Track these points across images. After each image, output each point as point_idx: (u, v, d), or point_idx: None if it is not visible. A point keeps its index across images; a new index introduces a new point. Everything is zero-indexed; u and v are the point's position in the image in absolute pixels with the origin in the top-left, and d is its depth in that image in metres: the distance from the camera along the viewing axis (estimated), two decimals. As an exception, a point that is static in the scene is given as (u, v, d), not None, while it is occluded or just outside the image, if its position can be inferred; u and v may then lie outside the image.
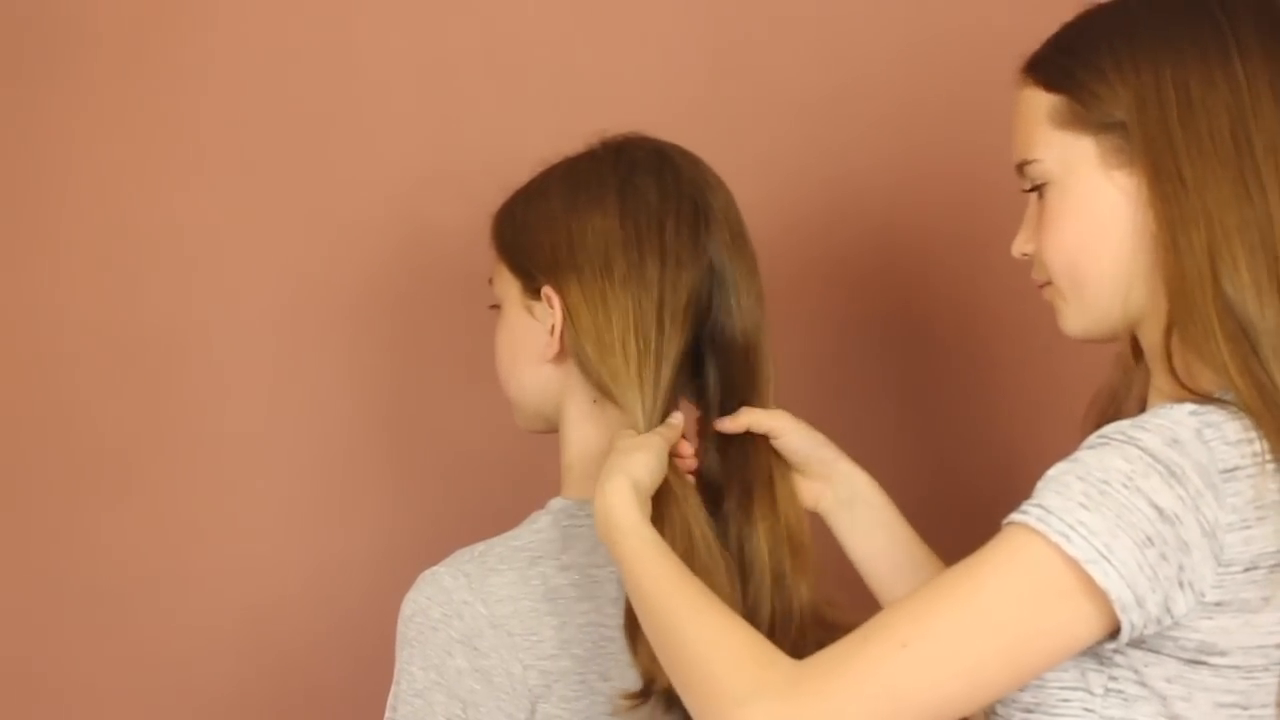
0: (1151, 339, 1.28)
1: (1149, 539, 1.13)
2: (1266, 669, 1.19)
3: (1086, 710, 1.22)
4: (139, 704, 1.92)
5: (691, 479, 1.42)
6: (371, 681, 1.78)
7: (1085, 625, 1.16)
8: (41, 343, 1.92)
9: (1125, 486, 1.14)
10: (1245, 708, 1.20)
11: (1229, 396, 1.20)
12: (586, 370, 1.41)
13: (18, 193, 1.92)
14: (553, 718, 1.36)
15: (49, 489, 1.92)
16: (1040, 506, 1.16)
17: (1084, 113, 1.27)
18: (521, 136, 1.88)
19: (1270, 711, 1.20)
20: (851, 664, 1.16)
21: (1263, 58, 1.24)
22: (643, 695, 1.34)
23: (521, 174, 1.52)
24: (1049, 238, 1.30)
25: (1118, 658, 1.20)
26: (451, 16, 1.93)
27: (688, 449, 1.43)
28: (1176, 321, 1.23)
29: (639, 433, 1.39)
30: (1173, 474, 1.15)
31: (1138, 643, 1.18)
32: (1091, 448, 1.18)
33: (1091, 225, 1.27)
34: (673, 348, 1.40)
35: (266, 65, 1.92)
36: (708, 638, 1.22)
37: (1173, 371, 1.24)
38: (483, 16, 1.94)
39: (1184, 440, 1.16)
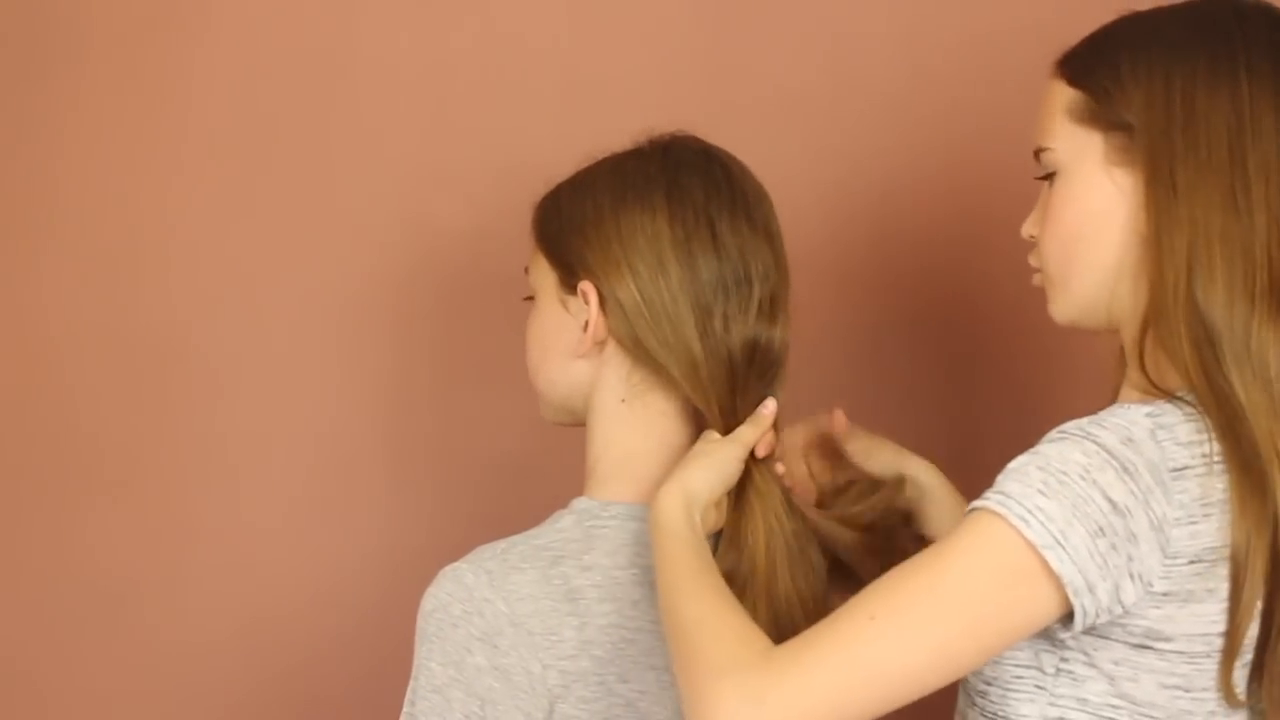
0: (1130, 336, 1.34)
1: (1100, 529, 1.20)
2: (1208, 655, 1.25)
3: (1039, 688, 1.28)
4: (138, 706, 1.91)
5: (780, 470, 1.45)
6: (373, 683, 1.78)
7: (1041, 605, 1.21)
8: (40, 344, 1.91)
9: (1082, 479, 1.20)
10: (1187, 690, 1.26)
11: (1190, 397, 1.26)
12: (657, 372, 1.42)
13: (17, 193, 1.91)
14: (570, 718, 1.36)
15: (46, 491, 1.91)
16: (1001, 493, 1.22)
17: (1097, 109, 1.33)
18: (523, 138, 1.88)
19: (1210, 694, 1.27)
20: (822, 638, 1.21)
21: (1270, 80, 1.29)
22: None
23: (525, 176, 1.52)
24: (1049, 224, 1.36)
25: (1069, 641, 1.26)
26: (453, 19, 1.93)
27: (771, 443, 1.44)
28: (1151, 321, 1.29)
29: (720, 434, 1.41)
30: (1126, 470, 1.21)
31: (1089, 629, 1.24)
32: (1051, 441, 1.24)
33: (1087, 217, 1.33)
34: (740, 339, 1.41)
35: (268, 67, 1.91)
36: (701, 618, 1.26)
37: (1144, 369, 1.30)
38: (484, 18, 1.94)
39: (1138, 439, 1.23)
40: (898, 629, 1.19)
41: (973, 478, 1.96)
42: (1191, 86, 1.29)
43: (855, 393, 1.96)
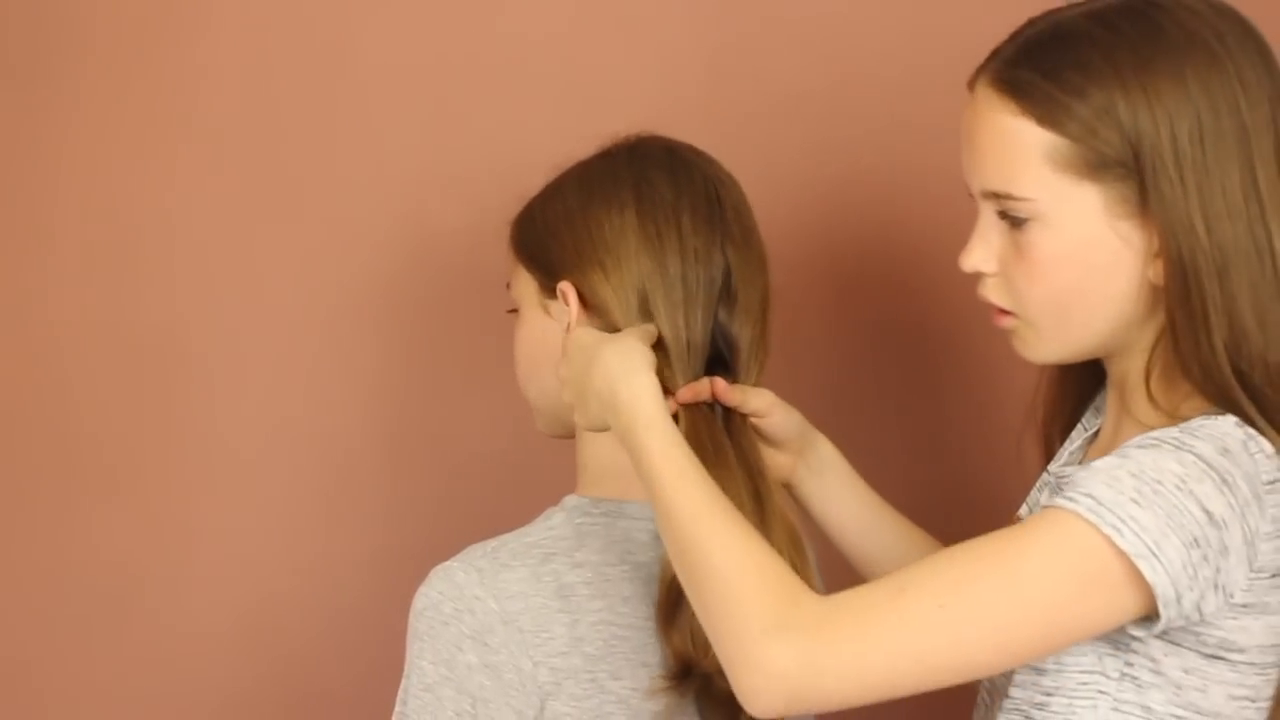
0: (1129, 368, 1.30)
1: (1195, 540, 1.17)
2: (1278, 665, 1.24)
3: (1101, 693, 1.25)
4: (135, 705, 1.91)
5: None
6: (370, 682, 1.78)
7: (1119, 613, 1.19)
8: (42, 344, 1.91)
9: (1178, 489, 1.17)
10: (1254, 700, 1.24)
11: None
12: None
13: (17, 192, 1.91)
14: (562, 715, 1.36)
15: (46, 489, 1.91)
16: (1091, 497, 1.18)
17: (1092, 159, 1.23)
18: (523, 138, 1.88)
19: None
20: (884, 614, 1.18)
21: (1264, 102, 1.23)
22: (680, 677, 1.36)
23: (523, 176, 1.52)
24: (1035, 278, 1.27)
25: (1135, 645, 1.23)
26: (452, 19, 1.93)
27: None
28: (1190, 373, 1.24)
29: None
30: (1225, 481, 1.18)
31: (1160, 634, 1.21)
32: (1143, 448, 1.20)
33: (1088, 272, 1.26)
34: (698, 339, 1.42)
35: (267, 67, 1.92)
36: (733, 560, 1.22)
37: (1155, 404, 1.26)
38: (484, 19, 1.94)
39: (1233, 450, 1.20)
40: (967, 623, 1.17)
41: (970, 475, 1.97)
42: (1198, 127, 1.21)
43: (854, 391, 1.97)
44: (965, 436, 1.98)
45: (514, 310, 1.51)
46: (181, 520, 1.92)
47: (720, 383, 1.42)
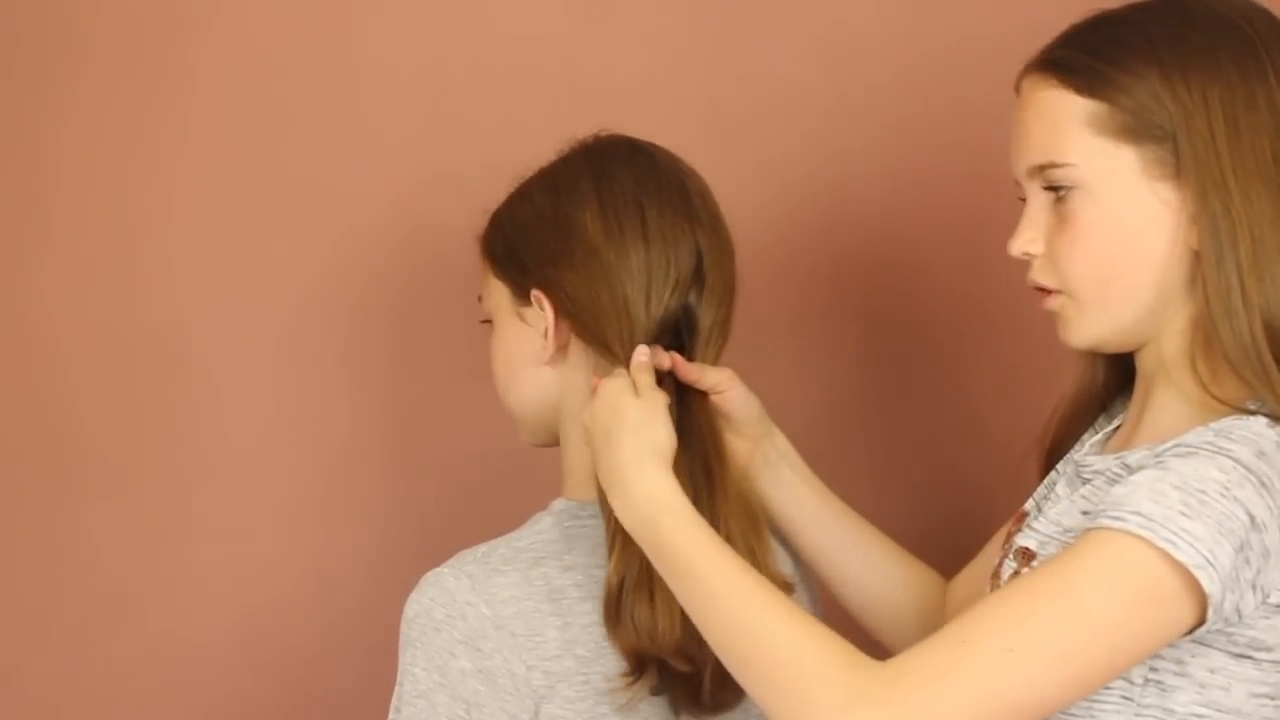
0: (1172, 349, 1.32)
1: (1242, 545, 1.18)
2: None
3: (1125, 699, 1.26)
4: (136, 705, 1.92)
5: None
6: (368, 683, 1.78)
7: (1177, 627, 1.20)
8: (38, 344, 1.92)
9: (1223, 496, 1.18)
10: (1273, 698, 1.25)
11: (1261, 407, 1.25)
12: (614, 362, 1.41)
13: (16, 193, 1.92)
14: (556, 718, 1.36)
15: (45, 490, 1.92)
16: (1139, 514, 1.19)
17: (1130, 122, 1.28)
18: (522, 138, 1.86)
19: None
20: (953, 668, 1.18)
21: None
22: (635, 673, 1.36)
23: (522, 176, 1.52)
24: (1077, 246, 1.31)
25: (1165, 650, 1.23)
26: (451, 17, 1.93)
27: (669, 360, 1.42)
28: (1217, 336, 1.26)
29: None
30: (1264, 485, 1.20)
31: (1192, 637, 1.22)
32: (1180, 457, 1.22)
33: (1129, 236, 1.29)
34: (662, 323, 1.42)
35: (266, 66, 1.92)
36: (786, 638, 1.23)
37: (1199, 380, 1.28)
38: (483, 18, 1.94)
39: (1269, 452, 1.21)
40: (1036, 661, 1.18)
41: (966, 478, 1.97)
42: (1229, 93, 1.26)
43: (853, 390, 1.96)
44: (964, 436, 1.97)
45: (487, 321, 1.51)
46: (179, 521, 1.92)
47: (679, 357, 1.42)
